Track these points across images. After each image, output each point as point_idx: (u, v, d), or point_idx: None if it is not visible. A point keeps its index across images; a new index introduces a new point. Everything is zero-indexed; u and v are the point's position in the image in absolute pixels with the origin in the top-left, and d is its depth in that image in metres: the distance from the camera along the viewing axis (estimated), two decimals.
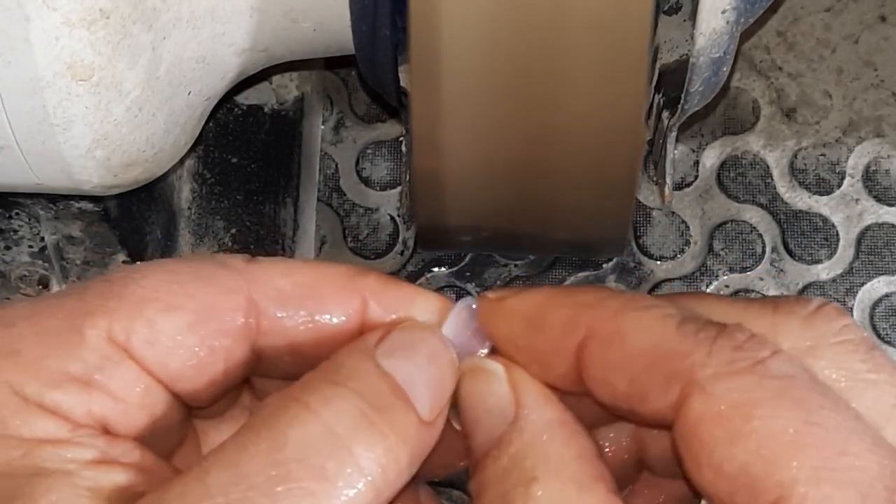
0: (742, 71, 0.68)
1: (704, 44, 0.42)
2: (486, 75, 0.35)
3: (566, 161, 0.37)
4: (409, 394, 0.32)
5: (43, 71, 0.40)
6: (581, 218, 0.40)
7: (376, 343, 0.33)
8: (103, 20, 0.40)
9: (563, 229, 0.40)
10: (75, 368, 0.32)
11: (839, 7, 0.68)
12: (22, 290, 0.55)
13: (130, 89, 0.42)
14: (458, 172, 0.38)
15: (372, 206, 0.67)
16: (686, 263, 0.66)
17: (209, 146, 0.61)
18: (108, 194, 0.48)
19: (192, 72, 0.45)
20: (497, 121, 0.36)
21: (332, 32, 0.46)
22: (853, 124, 0.67)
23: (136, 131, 0.44)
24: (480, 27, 0.34)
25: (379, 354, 0.33)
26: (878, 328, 0.65)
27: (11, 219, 0.52)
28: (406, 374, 0.32)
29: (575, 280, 0.66)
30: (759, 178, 0.67)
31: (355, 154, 0.68)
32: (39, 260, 0.54)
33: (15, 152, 0.43)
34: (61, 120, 0.42)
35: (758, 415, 0.29)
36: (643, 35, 0.34)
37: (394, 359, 0.33)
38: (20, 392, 0.31)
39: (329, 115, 0.68)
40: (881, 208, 0.66)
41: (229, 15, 0.45)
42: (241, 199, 0.61)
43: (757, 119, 0.68)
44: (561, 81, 0.35)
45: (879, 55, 0.68)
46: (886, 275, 0.66)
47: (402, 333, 0.34)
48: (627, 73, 0.35)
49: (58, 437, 0.31)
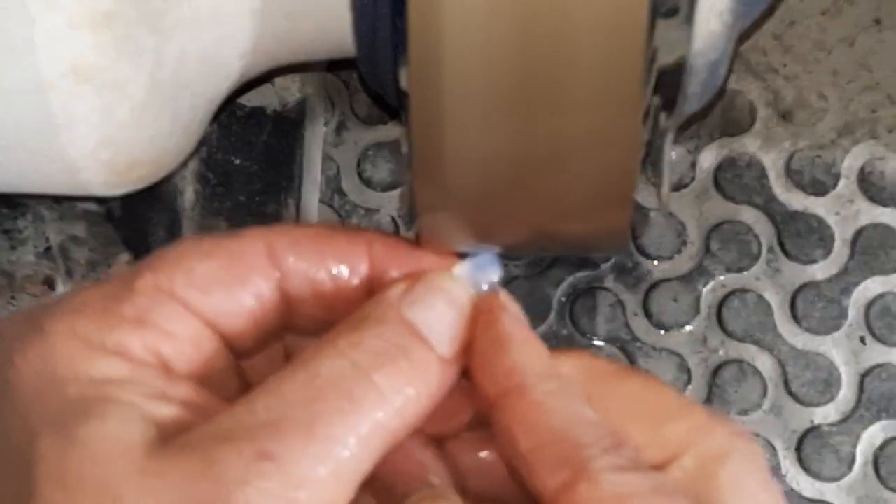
0: (739, 73, 0.68)
1: (701, 46, 0.42)
2: (485, 77, 0.35)
3: (566, 162, 0.37)
4: (428, 336, 0.37)
5: (47, 72, 0.40)
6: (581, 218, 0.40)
7: (402, 295, 0.38)
8: (107, 22, 0.41)
9: (563, 230, 0.41)
10: (128, 311, 0.36)
11: (835, 10, 0.69)
12: (27, 290, 0.55)
13: (134, 91, 0.43)
14: (457, 172, 0.38)
15: (373, 207, 0.67)
16: (683, 263, 0.67)
17: (212, 148, 0.61)
18: (112, 195, 0.48)
19: (196, 74, 0.45)
20: (496, 122, 0.36)
21: (333, 34, 0.46)
22: (848, 126, 0.68)
23: (139, 133, 0.44)
24: (479, 29, 0.34)
25: (403, 305, 0.38)
26: (872, 327, 0.66)
27: (17, 219, 0.52)
28: (427, 319, 0.37)
29: (574, 280, 0.66)
30: (755, 179, 0.67)
31: (357, 155, 0.68)
32: (45, 260, 0.54)
33: (19, 153, 0.43)
34: (65, 121, 0.42)
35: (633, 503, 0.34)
36: (640, 37, 0.35)
37: (416, 307, 0.38)
38: (85, 338, 0.36)
39: (331, 116, 0.68)
40: (876, 209, 0.67)
41: (232, 17, 0.45)
42: (243, 200, 0.61)
43: (753, 121, 0.68)
44: (560, 83, 0.35)
45: (875, 58, 0.68)
46: (881, 275, 0.66)
47: (425, 283, 0.38)
48: (625, 74, 0.35)
49: (121, 376, 0.35)
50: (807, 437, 0.65)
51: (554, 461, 0.36)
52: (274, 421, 0.34)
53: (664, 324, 0.66)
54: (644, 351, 0.66)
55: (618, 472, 0.35)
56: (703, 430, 0.38)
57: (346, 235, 0.40)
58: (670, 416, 0.38)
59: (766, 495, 0.37)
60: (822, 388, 0.65)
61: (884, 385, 0.65)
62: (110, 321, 0.36)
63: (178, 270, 0.37)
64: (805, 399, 0.65)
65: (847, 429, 0.65)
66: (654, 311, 0.66)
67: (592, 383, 0.39)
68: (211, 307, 0.37)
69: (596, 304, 0.66)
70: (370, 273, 0.40)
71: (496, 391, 0.38)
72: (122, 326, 0.36)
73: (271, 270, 0.39)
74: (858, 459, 0.65)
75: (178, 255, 0.38)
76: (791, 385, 0.66)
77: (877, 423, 0.65)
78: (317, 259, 0.39)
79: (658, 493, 0.35)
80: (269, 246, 0.39)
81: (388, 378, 0.36)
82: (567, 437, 0.36)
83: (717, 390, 0.66)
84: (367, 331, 0.37)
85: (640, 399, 0.39)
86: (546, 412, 0.37)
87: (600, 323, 0.66)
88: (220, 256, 0.38)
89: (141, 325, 0.36)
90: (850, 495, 0.64)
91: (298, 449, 0.33)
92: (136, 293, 0.37)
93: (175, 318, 0.37)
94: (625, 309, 0.66)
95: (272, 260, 0.39)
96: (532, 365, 0.38)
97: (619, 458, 0.36)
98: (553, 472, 0.35)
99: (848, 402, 0.65)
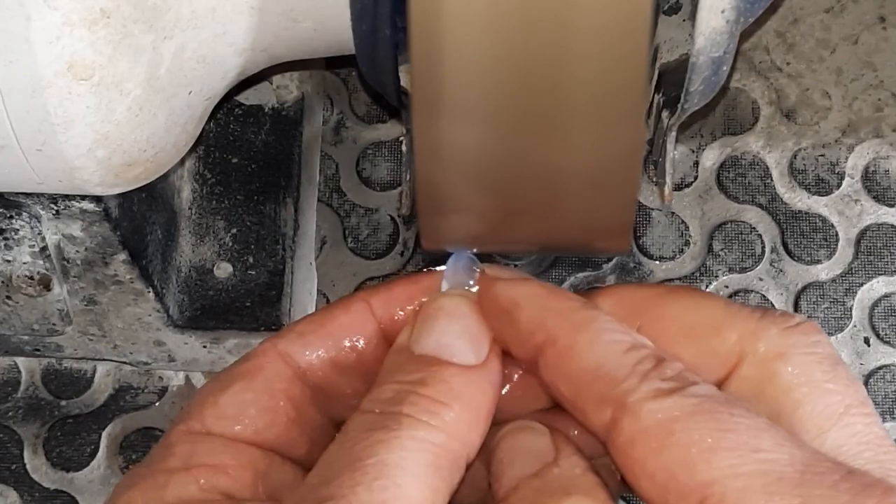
0: (742, 71, 0.68)
1: (704, 43, 0.42)
2: (486, 74, 0.35)
3: (567, 160, 0.37)
4: (444, 357, 0.38)
5: (44, 70, 0.40)
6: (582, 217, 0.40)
7: (408, 337, 0.39)
8: (104, 20, 0.40)
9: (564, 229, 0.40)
10: (173, 464, 0.37)
11: (839, 8, 0.69)
12: (23, 290, 0.55)
13: (131, 89, 0.42)
14: (459, 172, 0.38)
15: (372, 206, 0.67)
16: (686, 264, 0.66)
17: (210, 146, 0.61)
18: (109, 194, 0.48)
19: (193, 71, 0.45)
20: (497, 120, 0.36)
21: (332, 32, 0.46)
22: (852, 125, 0.67)
23: (136, 131, 0.44)
24: (481, 26, 0.34)
25: (412, 343, 0.38)
26: (877, 328, 0.65)
27: (12, 219, 0.52)
28: (434, 343, 0.38)
29: (575, 280, 0.66)
30: (758, 179, 0.67)
31: (356, 154, 0.68)
32: (40, 260, 0.54)
33: (16, 152, 0.43)
34: (62, 119, 0.42)
35: (678, 429, 0.33)
36: (643, 35, 0.34)
37: (421, 341, 0.38)
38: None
39: (329, 115, 0.68)
40: (880, 209, 0.67)
41: (230, 14, 0.45)
42: (241, 199, 0.61)
43: (756, 120, 0.68)
44: (562, 81, 0.35)
45: (879, 56, 0.68)
46: (885, 275, 0.66)
47: (424, 313, 0.39)
48: (627, 72, 0.35)
49: None
50: None
51: (595, 401, 0.35)
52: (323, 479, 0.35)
53: None
54: None
55: (658, 398, 0.34)
56: (754, 335, 0.37)
57: (343, 307, 0.41)
58: (720, 328, 0.38)
59: (834, 384, 0.36)
60: None
61: (888, 386, 0.65)
62: (160, 481, 0.37)
63: (206, 409, 0.38)
64: None
65: None
66: None
67: (637, 313, 0.39)
68: (248, 429, 0.38)
69: None
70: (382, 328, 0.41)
71: (530, 356, 0.38)
72: (173, 479, 0.37)
73: (291, 375, 0.40)
74: None
75: (201, 396, 0.39)
76: None
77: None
78: (328, 346, 0.40)
79: (702, 411, 0.34)
80: (281, 353, 0.40)
81: (414, 406, 0.36)
82: (601, 374, 0.35)
83: None
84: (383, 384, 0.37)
85: (687, 318, 0.38)
86: (577, 355, 0.36)
87: None
88: (238, 380, 0.39)
89: (190, 471, 0.37)
90: None
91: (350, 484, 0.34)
92: (174, 446, 0.38)
93: (220, 452, 0.38)
94: None
95: (288, 363, 0.40)
96: (549, 313, 0.38)
97: (661, 381, 0.35)
98: (598, 413, 0.35)
99: None
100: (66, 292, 0.56)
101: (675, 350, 0.37)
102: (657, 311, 0.39)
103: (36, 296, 0.56)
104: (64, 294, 0.56)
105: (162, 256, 0.58)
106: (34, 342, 0.61)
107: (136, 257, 0.55)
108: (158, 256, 0.58)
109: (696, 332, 0.38)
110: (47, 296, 0.56)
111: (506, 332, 0.38)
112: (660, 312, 0.39)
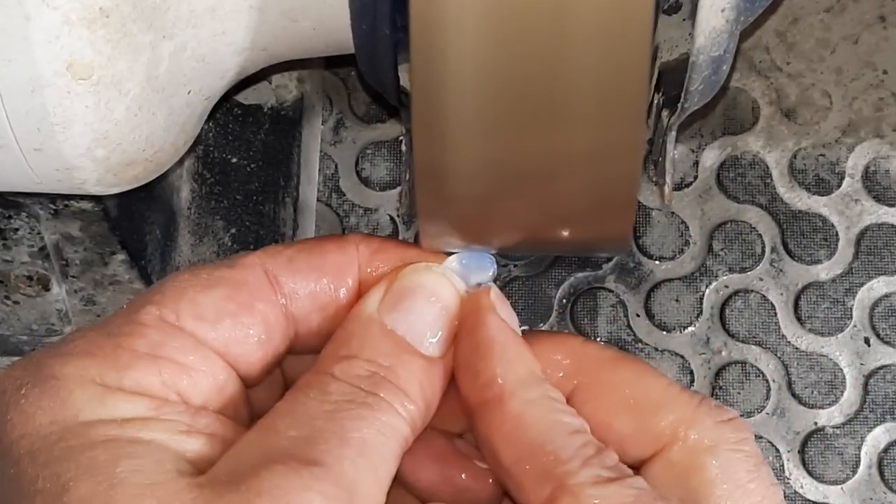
0: (742, 71, 0.68)
1: (704, 42, 0.42)
2: (487, 74, 0.35)
3: (567, 159, 0.37)
4: (411, 342, 0.38)
5: (43, 70, 0.40)
6: (582, 217, 0.40)
7: (380, 300, 0.39)
8: (103, 19, 0.40)
9: (564, 228, 0.40)
10: (141, 347, 0.36)
11: (839, 7, 0.68)
12: (21, 289, 0.55)
13: (130, 88, 0.42)
14: (459, 171, 0.38)
15: (371, 206, 0.67)
16: (686, 263, 0.66)
17: (209, 146, 0.61)
18: (108, 194, 0.48)
19: (192, 71, 0.45)
20: (498, 120, 0.36)
21: (331, 31, 0.46)
22: (853, 124, 0.67)
23: (135, 130, 0.44)
24: (481, 25, 0.34)
25: (382, 312, 0.38)
26: (877, 328, 0.65)
27: (11, 218, 0.52)
28: (407, 324, 0.38)
29: (575, 280, 0.66)
30: (758, 179, 0.67)
31: (355, 154, 0.68)
32: (39, 259, 0.54)
33: (14, 151, 0.43)
34: (61, 119, 0.42)
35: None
36: (643, 34, 0.34)
37: (395, 313, 0.38)
38: (102, 382, 0.35)
39: (329, 115, 0.68)
40: (880, 208, 0.67)
41: (229, 14, 0.44)
42: (240, 199, 0.61)
43: (756, 119, 0.68)
44: (562, 80, 0.35)
45: (879, 55, 0.68)
46: (886, 275, 0.66)
47: (401, 282, 0.39)
48: (628, 72, 0.35)
49: (145, 415, 0.35)
50: (810, 439, 0.65)
51: (536, 475, 0.36)
52: (305, 437, 0.34)
53: (666, 325, 0.66)
54: (646, 352, 0.66)
55: (599, 485, 0.35)
56: (689, 421, 0.38)
57: (335, 244, 0.40)
58: (658, 407, 0.38)
59: (756, 484, 0.37)
60: (825, 390, 0.65)
61: (888, 387, 0.65)
62: (124, 360, 0.36)
63: (182, 303, 0.37)
64: (809, 401, 0.65)
65: (851, 431, 0.65)
66: (656, 311, 0.66)
67: (582, 373, 0.39)
68: (220, 338, 0.38)
69: (597, 305, 0.66)
70: (359, 275, 0.40)
71: (476, 400, 0.38)
72: (137, 364, 0.36)
73: (275, 296, 0.39)
74: (863, 462, 0.65)
75: (179, 287, 0.38)
76: (795, 387, 0.65)
77: (881, 425, 0.65)
78: (314, 276, 0.40)
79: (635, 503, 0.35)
80: (267, 271, 0.39)
81: (389, 393, 0.37)
82: (547, 450, 0.36)
83: (719, 392, 0.65)
84: (354, 357, 0.37)
85: (630, 389, 0.39)
86: (525, 424, 0.37)
87: (601, 324, 0.66)
88: (223, 286, 0.38)
89: (155, 361, 0.36)
90: (855, 498, 0.64)
91: (338, 454, 0.34)
92: (144, 327, 0.37)
93: (188, 351, 0.37)
94: (626, 309, 0.66)
95: (273, 285, 0.39)
96: (514, 373, 0.38)
97: (601, 468, 0.36)
98: (535, 487, 0.36)
99: (852, 404, 0.65)
100: (64, 292, 0.56)
101: (611, 420, 0.38)
102: (603, 376, 0.39)
103: (35, 296, 0.56)
104: (63, 294, 0.56)
105: (161, 256, 0.58)
106: (33, 342, 0.61)
107: (134, 257, 0.55)
108: (157, 256, 0.58)
109: (636, 406, 0.39)
110: (46, 296, 0.56)
111: (467, 363, 0.39)
112: (605, 378, 0.39)
